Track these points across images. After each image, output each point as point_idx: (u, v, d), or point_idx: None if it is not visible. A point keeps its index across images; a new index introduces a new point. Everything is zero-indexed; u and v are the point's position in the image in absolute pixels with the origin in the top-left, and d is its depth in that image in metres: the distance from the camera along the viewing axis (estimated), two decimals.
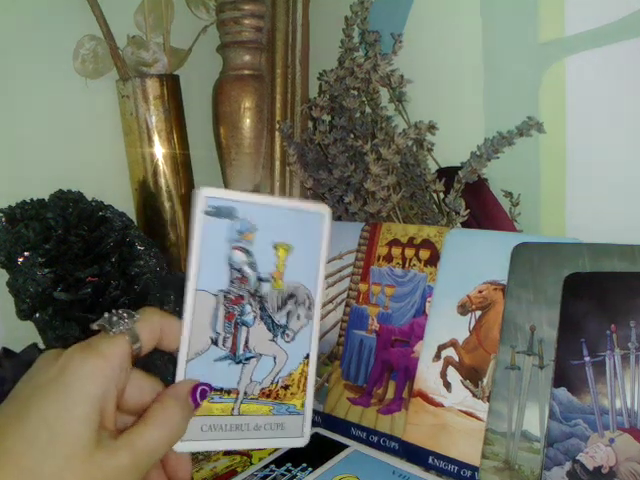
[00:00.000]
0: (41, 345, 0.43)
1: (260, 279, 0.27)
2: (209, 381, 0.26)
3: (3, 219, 0.43)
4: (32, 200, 0.45)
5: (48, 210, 0.44)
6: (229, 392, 0.27)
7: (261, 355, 0.28)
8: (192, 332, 0.26)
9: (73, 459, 0.21)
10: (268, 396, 0.28)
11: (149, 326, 0.25)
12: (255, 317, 0.27)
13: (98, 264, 0.43)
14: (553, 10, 0.42)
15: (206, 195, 0.26)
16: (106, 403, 0.23)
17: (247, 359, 0.27)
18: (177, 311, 0.44)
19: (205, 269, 0.26)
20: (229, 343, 0.27)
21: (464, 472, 0.35)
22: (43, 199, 0.45)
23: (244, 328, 0.27)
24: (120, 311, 0.25)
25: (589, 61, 0.41)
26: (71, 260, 0.42)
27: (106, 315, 0.25)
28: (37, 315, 0.42)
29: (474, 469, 0.35)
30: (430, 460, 0.36)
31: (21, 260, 0.42)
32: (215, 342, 0.27)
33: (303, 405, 0.29)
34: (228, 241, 0.26)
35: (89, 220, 0.44)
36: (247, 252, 0.27)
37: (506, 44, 0.45)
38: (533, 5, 0.43)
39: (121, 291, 0.43)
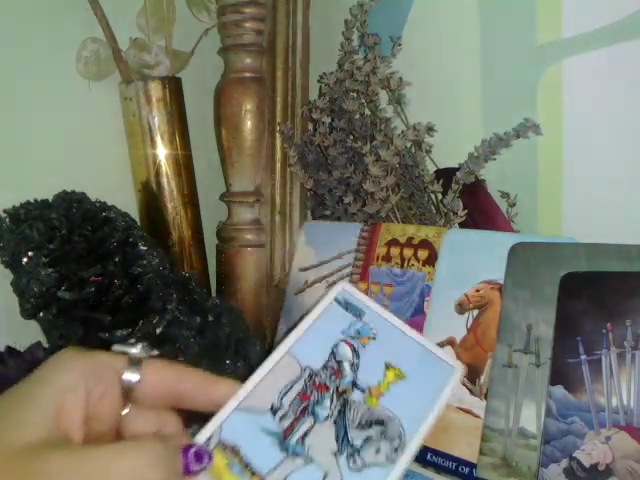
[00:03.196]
0: (45, 344, 0.43)
1: (355, 384, 0.24)
2: (243, 444, 0.22)
3: (7, 219, 0.43)
4: (36, 201, 0.44)
5: (52, 210, 0.44)
6: (253, 474, 0.21)
7: (312, 461, 0.22)
8: (259, 384, 0.23)
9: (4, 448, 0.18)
10: None
11: (160, 367, 0.22)
12: (329, 417, 0.23)
13: (101, 264, 0.43)
14: (550, 12, 0.41)
15: (344, 287, 0.25)
16: (70, 404, 0.19)
17: (294, 454, 0.22)
18: (179, 310, 0.44)
19: (307, 340, 0.24)
20: (286, 423, 0.23)
21: (462, 469, 0.35)
22: (47, 200, 0.45)
23: (311, 419, 0.23)
24: (144, 343, 0.23)
25: (586, 63, 0.40)
26: (75, 260, 0.42)
27: (131, 340, 0.23)
28: (41, 314, 0.42)
29: (472, 466, 0.35)
30: (428, 457, 0.36)
31: (25, 260, 0.42)
32: (274, 412, 0.23)
33: None
34: (343, 332, 0.25)
35: (93, 220, 0.44)
36: (355, 352, 0.24)
37: (504, 46, 0.45)
38: (531, 8, 0.42)
39: (124, 290, 0.43)
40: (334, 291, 0.25)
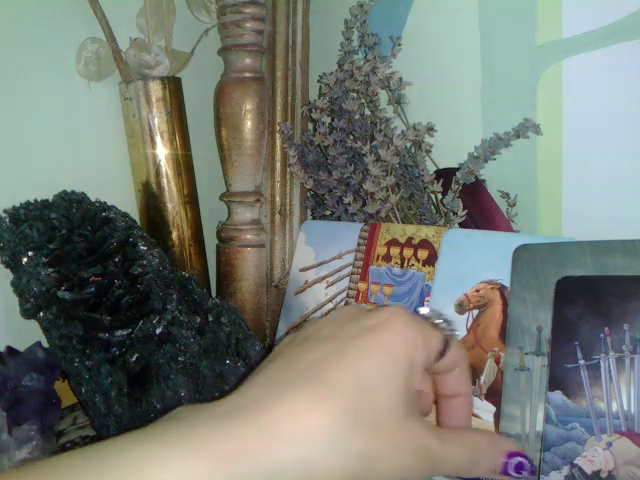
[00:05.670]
0: (45, 344, 0.42)
1: None
2: None
3: (7, 219, 0.42)
4: (36, 201, 0.44)
5: (52, 210, 0.43)
6: None
7: None
8: None
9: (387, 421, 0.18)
10: None
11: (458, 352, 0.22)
12: None
13: (101, 264, 0.42)
14: (551, 12, 0.40)
15: None
16: (413, 380, 0.20)
17: None
18: (179, 310, 0.43)
19: None
20: None
21: None
22: (47, 200, 0.44)
23: None
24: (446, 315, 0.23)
25: (586, 63, 0.39)
26: (75, 260, 0.41)
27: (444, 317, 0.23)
28: (41, 314, 0.41)
29: None
30: None
31: (25, 260, 0.41)
32: None
33: None
34: None
35: (92, 220, 0.43)
36: None
37: (504, 46, 0.43)
38: (531, 7, 0.41)
39: (124, 290, 0.42)
40: None
